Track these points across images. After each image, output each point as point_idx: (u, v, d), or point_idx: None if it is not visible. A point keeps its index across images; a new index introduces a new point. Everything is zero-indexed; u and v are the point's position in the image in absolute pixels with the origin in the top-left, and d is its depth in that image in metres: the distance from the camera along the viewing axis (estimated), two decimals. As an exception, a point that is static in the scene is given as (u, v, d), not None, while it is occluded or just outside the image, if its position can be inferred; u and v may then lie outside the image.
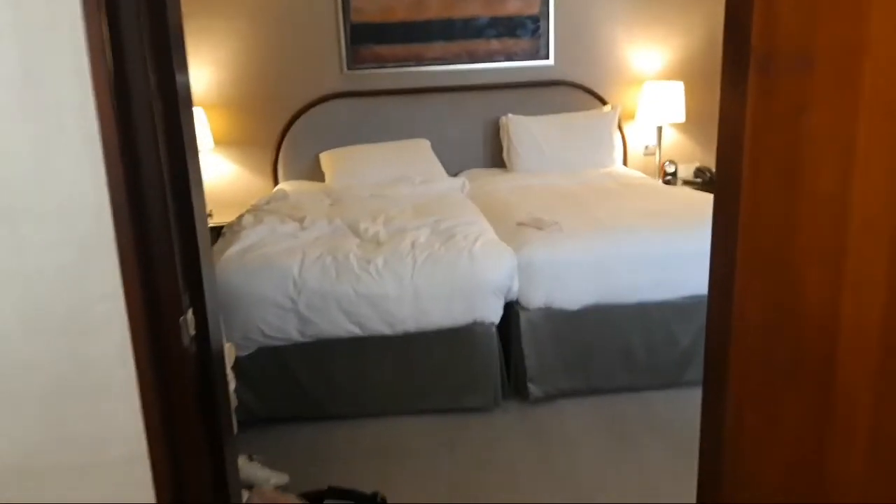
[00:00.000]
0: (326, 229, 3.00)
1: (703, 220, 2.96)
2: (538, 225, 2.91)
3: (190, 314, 1.11)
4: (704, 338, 1.01)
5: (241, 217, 3.12)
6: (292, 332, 2.59)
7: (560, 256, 2.74)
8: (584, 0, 4.56)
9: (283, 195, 3.70)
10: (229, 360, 1.67)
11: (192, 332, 1.13)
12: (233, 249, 2.67)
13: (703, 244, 2.81)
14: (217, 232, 3.26)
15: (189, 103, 1.19)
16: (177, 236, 1.07)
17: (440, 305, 2.62)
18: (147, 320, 1.04)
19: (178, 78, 1.12)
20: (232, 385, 1.57)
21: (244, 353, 2.61)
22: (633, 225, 2.91)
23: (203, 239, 1.17)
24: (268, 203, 3.59)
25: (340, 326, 2.59)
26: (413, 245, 2.73)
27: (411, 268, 2.60)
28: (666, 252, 2.80)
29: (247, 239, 2.78)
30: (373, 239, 2.84)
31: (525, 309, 2.76)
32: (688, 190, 3.57)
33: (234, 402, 1.51)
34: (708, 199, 3.35)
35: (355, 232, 2.95)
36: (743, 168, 0.81)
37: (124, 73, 0.98)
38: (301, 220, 3.06)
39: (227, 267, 2.57)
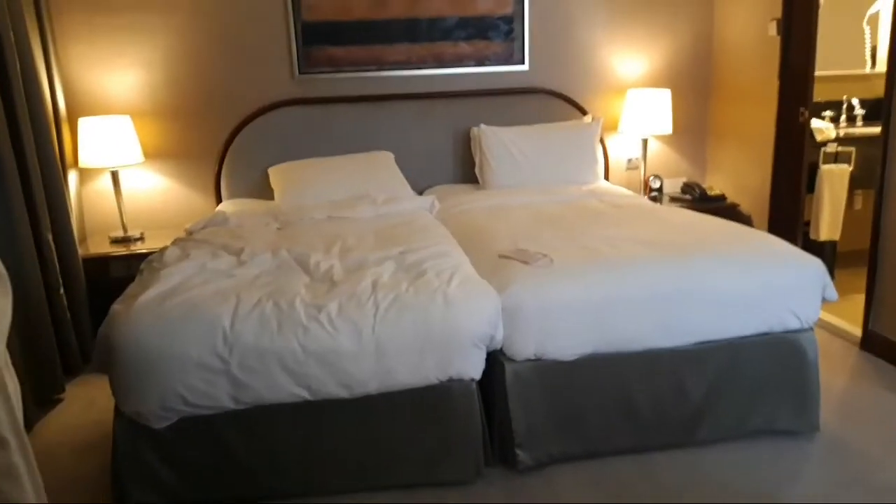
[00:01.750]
0: (269, 264, 2.49)
1: (715, 251, 2.54)
2: (524, 258, 2.45)
3: None
4: None
5: (164, 250, 2.58)
6: (223, 398, 2.07)
7: (552, 297, 2.28)
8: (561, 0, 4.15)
9: (223, 219, 3.17)
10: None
11: None
12: (148, 295, 2.13)
13: (716, 280, 2.41)
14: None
15: None
16: None
17: (409, 361, 2.13)
18: None
19: None
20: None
21: (163, 424, 2.08)
22: (634, 257, 2.47)
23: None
24: (203, 228, 3.06)
25: (284, 390, 2.08)
26: (374, 285, 2.24)
27: (372, 316, 2.11)
28: (675, 290, 2.36)
29: (169, 279, 2.25)
30: (325, 277, 2.34)
31: (511, 361, 2.29)
32: (686, 212, 3.15)
33: None
34: (714, 222, 2.96)
35: (304, 268, 2.45)
36: None
37: None
38: (239, 253, 2.54)
39: (139, 318, 2.03)
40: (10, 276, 1.18)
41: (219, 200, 3.98)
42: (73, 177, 3.67)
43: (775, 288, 2.40)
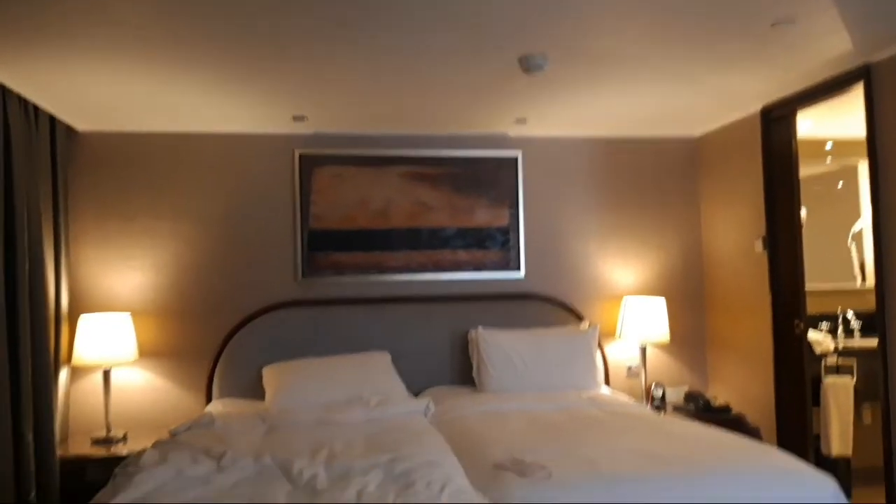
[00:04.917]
0: (250, 470, 2.35)
1: (725, 467, 2.33)
2: (520, 469, 2.32)
3: None
4: None
5: (142, 453, 2.46)
6: None
7: (550, 514, 2.12)
8: (555, 213, 4.39)
9: (209, 420, 3.06)
10: None
11: None
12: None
13: (727, 499, 2.20)
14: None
15: None
16: None
17: (392, 587, 1.92)
18: None
19: None
20: None
21: None
22: (638, 472, 2.33)
23: None
24: (188, 430, 2.95)
25: None
26: (359, 496, 2.10)
27: (355, 532, 1.95)
28: (684, 510, 2.20)
29: (141, 486, 2.11)
30: (308, 486, 2.20)
31: (506, 590, 2.07)
32: (691, 423, 3.04)
33: None
34: (721, 436, 2.83)
35: (287, 475, 2.31)
36: None
37: None
38: (220, 457, 2.42)
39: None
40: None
41: (209, 400, 3.89)
42: (64, 373, 3.62)
43: (790, 508, 2.23)
